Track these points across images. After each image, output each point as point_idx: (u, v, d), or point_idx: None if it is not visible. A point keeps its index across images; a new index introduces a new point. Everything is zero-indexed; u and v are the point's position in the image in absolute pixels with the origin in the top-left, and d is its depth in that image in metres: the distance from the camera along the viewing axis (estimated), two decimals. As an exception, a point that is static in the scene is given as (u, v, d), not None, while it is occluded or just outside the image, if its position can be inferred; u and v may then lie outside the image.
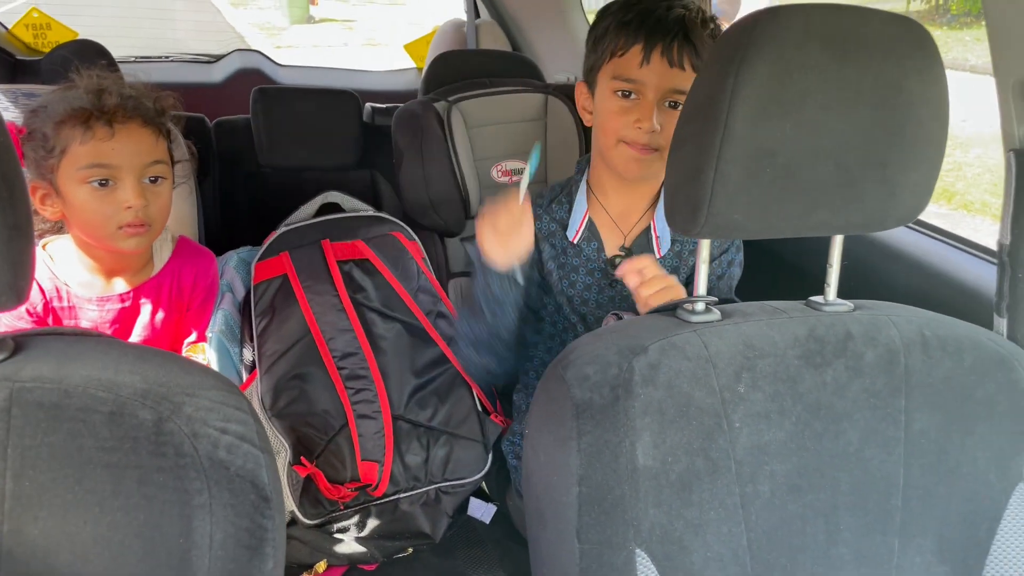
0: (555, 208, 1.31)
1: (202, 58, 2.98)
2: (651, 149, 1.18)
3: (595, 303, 1.28)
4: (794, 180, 0.79)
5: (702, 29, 1.15)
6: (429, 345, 1.42)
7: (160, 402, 0.64)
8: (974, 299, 1.14)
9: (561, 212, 1.31)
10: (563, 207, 1.31)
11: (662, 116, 1.16)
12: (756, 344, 0.83)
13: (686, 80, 1.14)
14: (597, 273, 1.28)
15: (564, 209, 1.31)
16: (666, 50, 1.13)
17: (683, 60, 1.14)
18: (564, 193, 1.33)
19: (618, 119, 1.18)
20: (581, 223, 1.28)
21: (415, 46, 3.05)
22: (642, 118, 1.16)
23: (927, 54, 0.79)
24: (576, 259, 1.28)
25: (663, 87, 1.15)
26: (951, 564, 0.86)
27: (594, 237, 1.28)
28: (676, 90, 1.15)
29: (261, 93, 1.86)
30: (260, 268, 1.44)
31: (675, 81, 1.15)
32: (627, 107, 1.18)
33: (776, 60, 0.75)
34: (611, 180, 1.28)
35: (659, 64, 1.14)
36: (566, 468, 0.77)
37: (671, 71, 1.14)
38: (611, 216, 1.29)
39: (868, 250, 1.34)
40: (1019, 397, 0.86)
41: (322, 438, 1.30)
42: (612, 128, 1.19)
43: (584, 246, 1.28)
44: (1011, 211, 0.93)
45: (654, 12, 1.15)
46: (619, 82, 1.18)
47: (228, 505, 0.63)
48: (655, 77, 1.15)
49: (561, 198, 1.32)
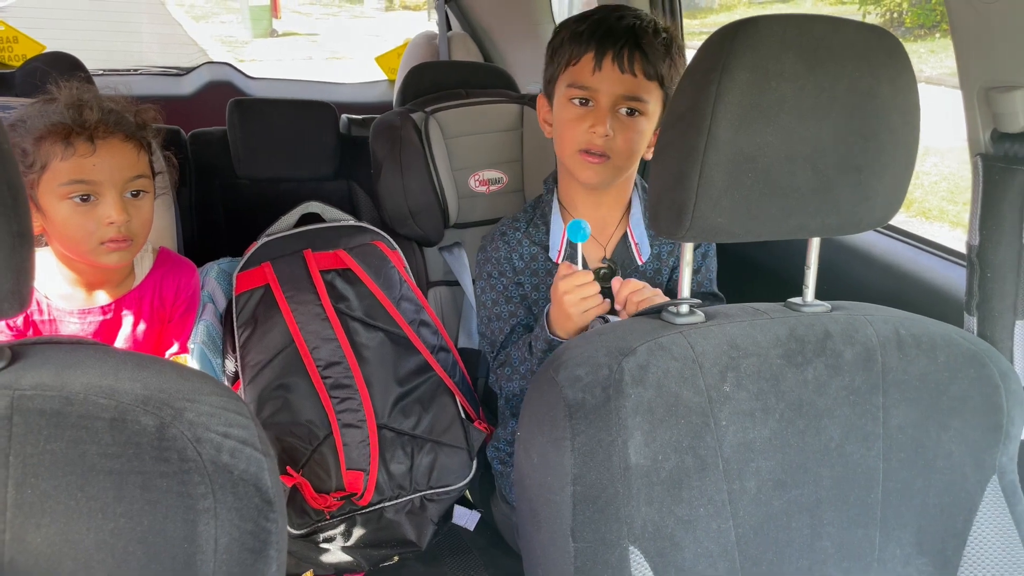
0: (533, 232, 1.34)
1: (172, 71, 2.96)
2: (603, 156, 1.20)
3: None
4: (773, 185, 0.81)
5: (654, 38, 1.18)
6: (412, 353, 1.42)
7: (161, 408, 0.64)
8: (942, 299, 1.19)
9: (539, 234, 1.33)
10: (540, 230, 1.34)
11: (616, 123, 1.19)
12: (740, 344, 0.85)
13: (638, 87, 1.18)
14: None
15: (541, 232, 1.33)
16: (616, 57, 1.17)
17: (634, 66, 1.17)
18: (538, 214, 1.35)
19: (574, 127, 1.21)
20: (561, 242, 1.30)
21: (386, 58, 3.06)
22: (596, 123, 1.19)
23: (898, 62, 0.82)
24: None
25: (615, 93, 1.18)
26: (930, 555, 0.89)
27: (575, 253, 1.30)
28: (629, 96, 1.18)
29: (237, 105, 1.85)
30: (242, 278, 1.43)
31: (627, 87, 1.18)
32: (582, 114, 1.21)
33: (755, 69, 0.78)
34: (579, 193, 1.30)
35: (610, 70, 1.17)
36: (560, 468, 0.79)
37: (623, 77, 1.17)
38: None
39: (841, 253, 1.38)
40: (991, 392, 0.89)
41: (307, 448, 1.29)
42: (570, 137, 1.22)
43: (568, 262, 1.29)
44: (979, 213, 0.97)
45: (605, 21, 1.19)
46: (574, 89, 1.21)
47: (232, 509, 0.64)
48: (607, 83, 1.18)
49: (536, 220, 1.35)
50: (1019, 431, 0.91)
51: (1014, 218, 0.94)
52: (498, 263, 1.33)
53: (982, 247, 0.98)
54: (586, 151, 1.21)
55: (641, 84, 1.18)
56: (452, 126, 1.70)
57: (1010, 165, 0.94)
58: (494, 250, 1.34)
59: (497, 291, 1.33)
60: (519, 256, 1.32)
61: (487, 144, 1.73)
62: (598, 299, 1.12)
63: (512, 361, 1.28)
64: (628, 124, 1.20)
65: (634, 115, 1.20)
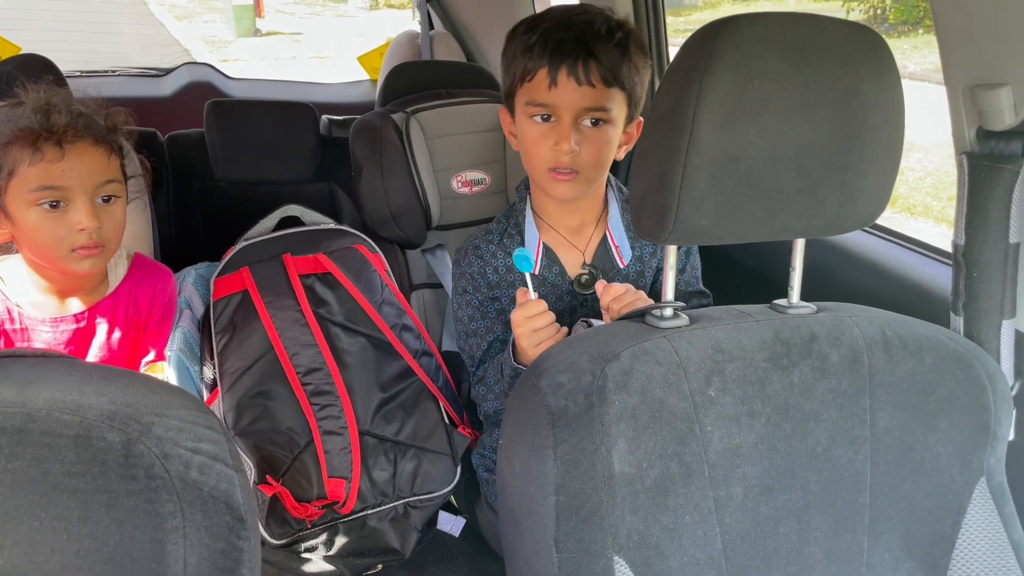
0: (507, 243, 1.30)
1: (150, 72, 2.92)
2: (572, 172, 1.17)
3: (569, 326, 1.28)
4: (757, 186, 0.80)
5: (607, 41, 1.13)
6: (394, 359, 1.40)
7: (128, 423, 0.62)
8: (929, 299, 1.18)
9: (514, 245, 1.29)
10: (514, 240, 1.30)
11: (580, 136, 1.15)
12: (725, 348, 0.84)
13: (598, 97, 1.13)
14: (566, 297, 1.28)
15: (516, 242, 1.30)
16: (571, 71, 1.12)
17: (590, 77, 1.12)
18: (512, 224, 1.32)
19: (540, 145, 1.17)
20: (537, 253, 1.27)
21: (368, 58, 3.03)
22: (560, 140, 1.15)
23: (882, 60, 0.81)
24: (541, 289, 1.27)
25: (576, 106, 1.14)
26: (918, 559, 0.88)
27: (554, 262, 1.28)
28: (591, 108, 1.14)
29: (215, 106, 1.83)
30: (219, 284, 1.41)
31: (587, 99, 1.13)
32: (545, 131, 1.17)
33: (737, 67, 0.76)
34: (552, 203, 1.27)
35: (567, 85, 1.13)
36: (543, 477, 0.77)
37: (580, 90, 1.13)
38: (564, 236, 1.29)
39: (826, 253, 1.37)
40: (978, 393, 0.88)
41: (287, 456, 1.27)
42: (537, 155, 1.19)
43: (546, 275, 1.27)
44: (965, 212, 0.96)
45: (554, 33, 1.13)
46: (533, 107, 1.17)
47: (202, 527, 0.62)
48: (565, 98, 1.13)
49: (510, 230, 1.31)
50: (1007, 432, 0.90)
51: (1000, 217, 0.93)
52: (472, 278, 1.30)
53: (968, 246, 0.97)
54: (554, 169, 1.18)
55: (601, 93, 1.13)
56: (434, 126, 1.68)
57: (996, 163, 0.93)
58: (467, 265, 1.31)
59: (473, 307, 1.30)
60: (493, 270, 1.30)
61: (469, 144, 1.71)
62: (551, 330, 1.10)
63: (487, 380, 1.26)
64: (593, 135, 1.16)
65: (598, 124, 1.16)
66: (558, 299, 1.27)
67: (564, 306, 1.28)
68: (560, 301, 1.27)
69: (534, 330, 1.09)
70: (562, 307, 1.27)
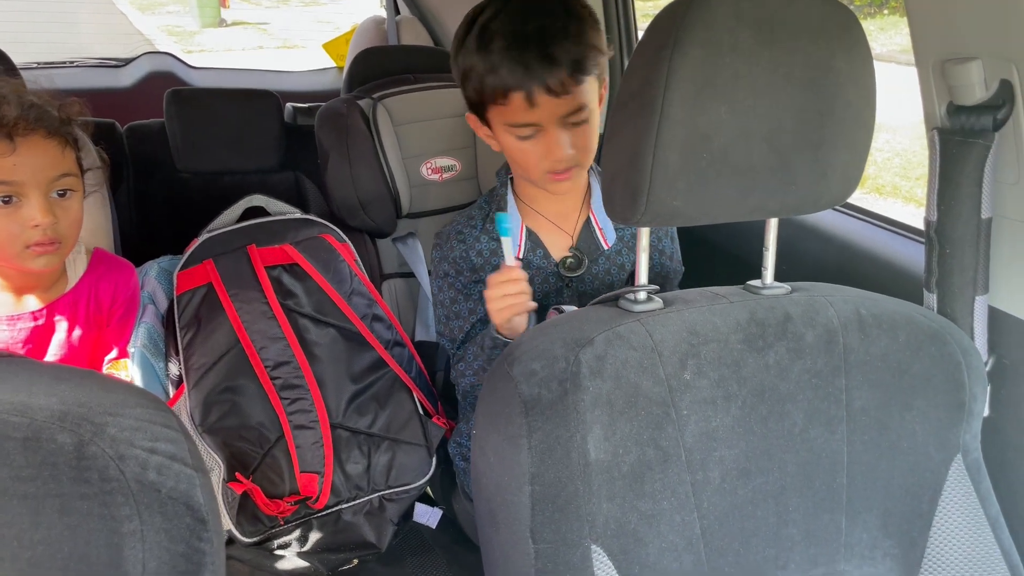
0: (491, 227, 1.28)
1: (110, 62, 2.84)
2: (570, 168, 1.15)
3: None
4: (730, 164, 0.78)
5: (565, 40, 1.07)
6: (366, 349, 1.38)
7: (80, 424, 0.59)
8: (902, 277, 1.17)
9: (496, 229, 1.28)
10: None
11: (569, 136, 1.12)
12: (699, 330, 0.83)
13: (577, 97, 1.10)
14: (552, 278, 1.26)
15: None
16: (547, 88, 1.07)
17: (566, 87, 1.08)
18: (494, 209, 1.30)
19: (531, 157, 1.14)
20: (521, 236, 1.26)
21: (334, 45, 2.98)
22: (551, 150, 1.12)
23: (853, 35, 0.80)
24: (528, 270, 1.24)
25: (558, 115, 1.10)
26: (896, 538, 0.88)
27: (537, 245, 1.26)
28: (571, 112, 1.11)
29: (175, 95, 1.78)
30: (183, 278, 1.37)
31: (568, 105, 1.10)
32: (532, 145, 1.13)
33: (707, 43, 0.74)
34: (539, 190, 1.25)
35: (545, 101, 1.08)
36: (517, 467, 0.75)
37: (560, 100, 1.09)
38: (549, 219, 1.27)
39: (799, 233, 1.36)
40: (952, 370, 0.88)
41: (257, 452, 1.25)
42: (531, 165, 1.16)
43: (531, 257, 1.26)
44: (936, 188, 0.95)
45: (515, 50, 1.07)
46: (514, 128, 1.13)
47: (161, 530, 0.59)
48: (547, 113, 1.10)
49: (492, 215, 1.29)
50: (981, 408, 0.90)
51: (972, 192, 0.92)
52: (455, 262, 1.28)
53: (940, 223, 0.96)
54: (552, 172, 1.15)
55: (576, 94, 1.10)
56: (401, 112, 1.65)
57: (967, 138, 0.92)
58: (450, 249, 1.29)
59: (456, 289, 1.29)
60: (477, 253, 1.28)
61: (438, 130, 1.68)
62: (521, 299, 1.08)
63: (467, 357, 1.24)
64: (578, 131, 1.13)
65: (580, 123, 1.13)
66: (543, 281, 1.26)
67: (550, 288, 1.26)
68: (546, 283, 1.26)
69: (503, 295, 1.08)
70: (548, 289, 1.26)
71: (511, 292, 1.09)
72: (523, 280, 1.09)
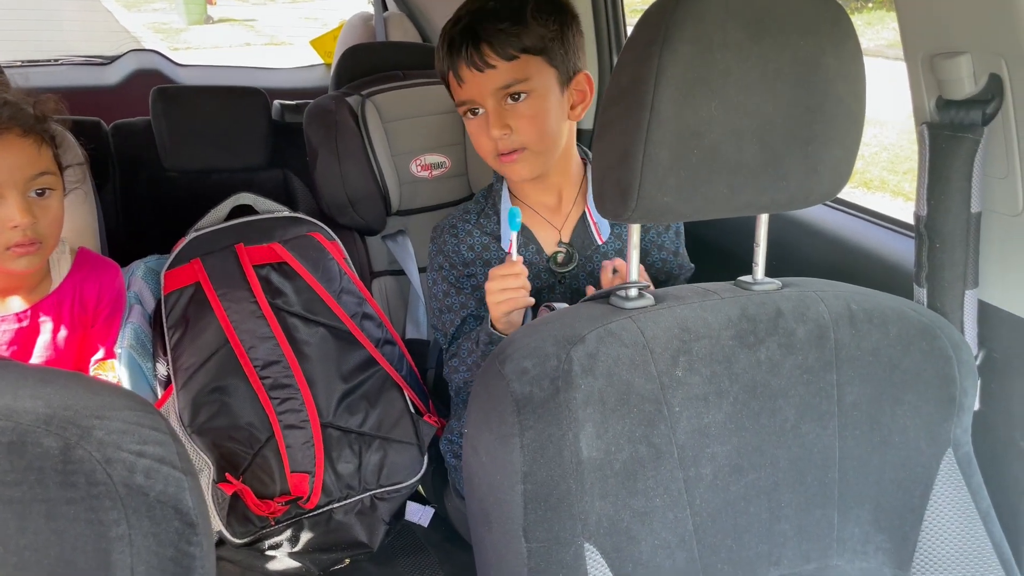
0: (484, 222, 1.29)
1: (95, 60, 2.82)
2: (515, 150, 1.17)
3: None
4: (720, 161, 0.78)
5: (496, 18, 1.12)
6: (356, 348, 1.37)
7: (66, 427, 0.58)
8: (892, 271, 1.17)
9: (491, 224, 1.29)
10: (491, 219, 1.29)
11: (507, 116, 1.15)
12: (691, 327, 0.83)
13: (505, 74, 1.13)
14: (544, 274, 1.26)
15: (493, 221, 1.29)
16: (468, 62, 1.13)
17: (487, 60, 1.13)
18: (489, 204, 1.30)
19: (480, 138, 1.20)
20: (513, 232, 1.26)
21: (321, 41, 2.96)
22: (491, 126, 1.16)
23: (843, 30, 0.80)
24: None
25: (487, 92, 1.15)
26: (888, 532, 0.88)
27: (530, 240, 1.26)
28: (502, 87, 1.14)
29: (161, 93, 1.76)
30: (170, 277, 1.36)
31: (495, 81, 1.14)
32: (479, 124, 1.19)
33: (697, 40, 0.74)
34: (529, 184, 1.26)
35: (471, 76, 1.15)
36: (509, 466, 0.75)
37: (484, 75, 1.14)
38: (542, 215, 1.27)
39: (789, 228, 1.36)
40: (943, 364, 0.88)
41: (247, 452, 1.24)
42: (482, 148, 1.21)
43: (523, 252, 1.25)
44: (926, 183, 0.96)
45: (447, 32, 1.16)
46: (460, 107, 1.20)
47: (149, 534, 0.58)
48: (475, 89, 1.15)
49: (487, 210, 1.30)
50: (972, 402, 0.90)
51: (962, 187, 0.92)
52: (448, 255, 1.29)
53: (930, 217, 0.96)
54: (499, 155, 1.18)
55: (506, 69, 1.13)
56: (390, 109, 1.64)
57: (956, 133, 0.92)
58: (443, 243, 1.30)
59: (449, 282, 1.29)
60: (468, 247, 1.28)
61: (427, 127, 1.67)
62: (520, 293, 1.10)
63: (460, 352, 1.24)
64: (520, 110, 1.15)
65: (520, 98, 1.15)
66: (536, 277, 1.26)
67: (542, 284, 1.26)
68: (538, 279, 1.26)
69: (503, 288, 1.09)
70: (540, 285, 1.26)
71: (511, 286, 1.09)
72: (524, 275, 1.10)
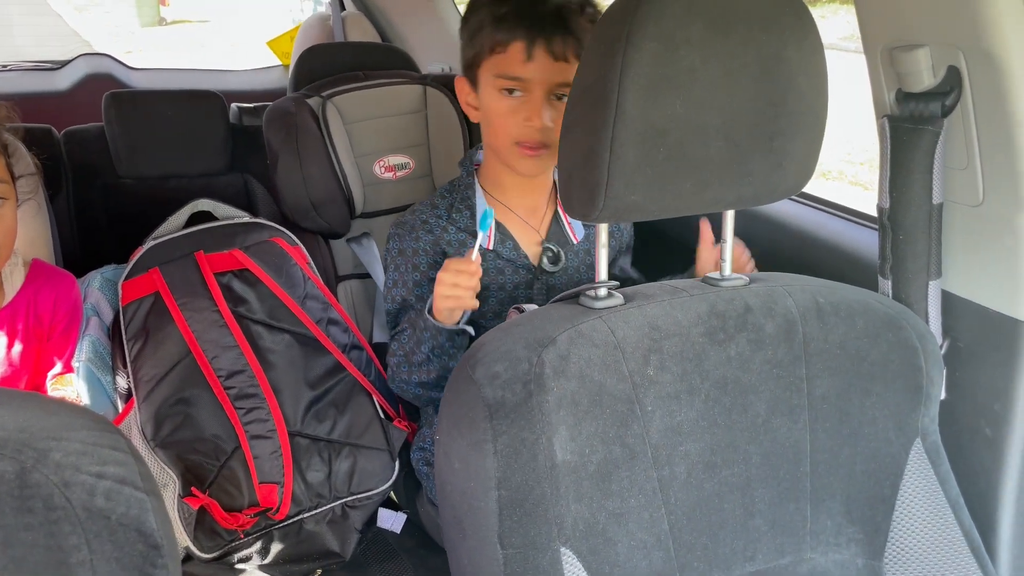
0: (456, 217, 1.27)
1: (44, 65, 2.74)
2: (543, 146, 1.15)
3: (524, 299, 1.25)
4: (686, 158, 0.78)
5: (580, 16, 1.12)
6: (322, 354, 1.35)
7: (21, 450, 0.56)
8: (856, 264, 1.19)
9: (464, 220, 1.26)
10: (463, 215, 1.27)
11: (551, 110, 1.13)
12: (661, 325, 0.82)
13: (572, 72, 1.08)
14: (523, 270, 1.25)
15: (466, 217, 1.26)
16: (549, 45, 1.10)
17: (567, 53, 1.10)
18: (458, 199, 1.28)
19: (508, 119, 1.15)
20: (491, 228, 1.24)
21: (279, 42, 2.91)
22: (531, 115, 1.13)
23: (804, 24, 0.80)
24: (498, 262, 1.24)
25: (550, 82, 1.12)
26: (860, 523, 0.89)
27: (507, 237, 1.25)
28: (563, 83, 1.12)
29: (114, 98, 1.72)
30: (128, 287, 1.32)
31: (562, 75, 1.11)
32: (515, 105, 1.14)
33: (660, 37, 0.74)
34: (510, 177, 1.24)
35: (544, 59, 1.10)
36: (483, 472, 0.74)
37: (556, 65, 1.11)
38: (518, 215, 1.26)
39: (753, 223, 1.37)
40: (910, 355, 0.89)
41: (213, 464, 1.21)
42: (504, 129, 1.16)
43: (500, 249, 1.24)
44: (888, 175, 0.96)
45: (531, 6, 1.10)
46: (504, 80, 1.14)
47: (112, 559, 0.56)
48: (541, 73, 1.11)
49: (458, 205, 1.27)
50: (938, 391, 0.91)
51: (923, 179, 0.94)
52: (426, 254, 1.26)
53: (893, 209, 0.97)
54: (521, 143, 1.15)
55: (574, 68, 1.09)
56: (352, 110, 1.62)
57: (917, 125, 0.93)
58: (415, 239, 1.26)
59: (412, 266, 1.26)
60: (447, 243, 1.26)
61: (390, 128, 1.65)
62: (468, 294, 1.08)
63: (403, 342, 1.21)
64: (559, 109, 1.13)
65: (562, 98, 1.14)
66: (514, 273, 1.25)
67: (520, 280, 1.25)
68: (516, 275, 1.25)
69: (454, 283, 1.08)
70: (518, 280, 1.25)
71: (463, 284, 1.08)
72: (477, 277, 1.09)
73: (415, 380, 1.21)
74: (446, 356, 1.16)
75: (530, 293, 1.26)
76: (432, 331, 1.13)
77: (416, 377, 1.20)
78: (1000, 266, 0.93)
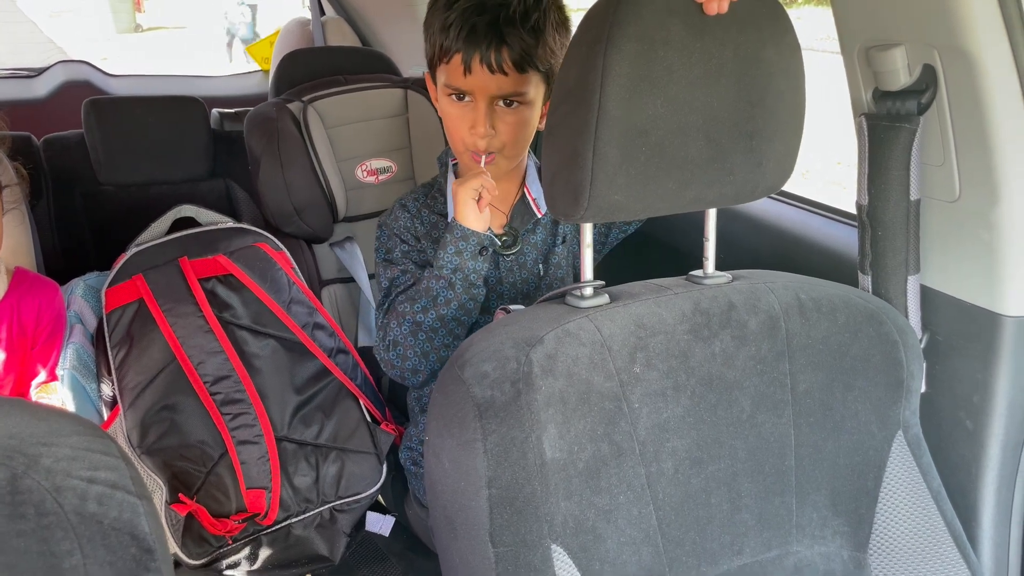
0: (431, 203, 1.28)
1: (21, 72, 2.72)
2: (493, 153, 1.17)
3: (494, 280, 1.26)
4: (668, 158, 0.79)
5: (521, 26, 1.11)
6: (308, 359, 1.35)
7: (12, 457, 0.56)
8: (837, 260, 1.20)
9: (438, 205, 1.27)
10: (438, 201, 1.28)
11: (496, 118, 1.15)
12: (646, 323, 0.83)
13: (512, 83, 1.12)
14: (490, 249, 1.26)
15: (440, 203, 1.27)
16: (484, 59, 1.10)
17: (503, 65, 1.11)
18: (436, 190, 1.29)
19: (457, 124, 1.17)
20: None
21: (258, 47, 2.91)
22: (476, 123, 1.14)
23: (781, 24, 0.81)
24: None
25: (489, 93, 1.13)
26: (845, 516, 0.90)
27: None
28: (505, 94, 1.13)
29: (93, 105, 1.71)
30: (111, 294, 1.31)
31: (500, 86, 1.12)
32: (462, 112, 1.16)
33: (640, 38, 0.75)
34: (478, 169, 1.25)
35: (481, 72, 1.12)
36: (473, 471, 0.74)
37: (494, 77, 1.12)
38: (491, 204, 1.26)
39: (734, 222, 1.38)
40: (890, 349, 0.90)
41: (200, 471, 1.20)
42: (457, 133, 1.18)
43: None
44: (866, 173, 0.98)
45: (470, 16, 1.11)
46: (448, 88, 1.16)
47: (105, 563, 0.56)
48: (479, 85, 1.13)
49: (434, 194, 1.29)
50: (919, 384, 0.93)
51: (901, 175, 0.95)
52: (401, 232, 1.26)
53: (871, 206, 0.99)
54: (473, 151, 1.17)
55: (515, 79, 1.12)
56: (333, 115, 1.62)
57: (894, 123, 0.95)
58: (393, 220, 1.28)
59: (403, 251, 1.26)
60: (421, 222, 1.27)
61: (372, 132, 1.66)
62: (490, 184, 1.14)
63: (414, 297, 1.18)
64: (509, 116, 1.15)
65: (513, 105, 1.15)
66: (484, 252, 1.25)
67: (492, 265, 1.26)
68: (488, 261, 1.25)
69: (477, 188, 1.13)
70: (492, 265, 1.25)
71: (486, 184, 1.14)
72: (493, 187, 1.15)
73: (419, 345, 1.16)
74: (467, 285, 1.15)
75: (498, 274, 1.26)
76: (460, 234, 1.14)
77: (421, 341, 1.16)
78: (977, 260, 0.95)
